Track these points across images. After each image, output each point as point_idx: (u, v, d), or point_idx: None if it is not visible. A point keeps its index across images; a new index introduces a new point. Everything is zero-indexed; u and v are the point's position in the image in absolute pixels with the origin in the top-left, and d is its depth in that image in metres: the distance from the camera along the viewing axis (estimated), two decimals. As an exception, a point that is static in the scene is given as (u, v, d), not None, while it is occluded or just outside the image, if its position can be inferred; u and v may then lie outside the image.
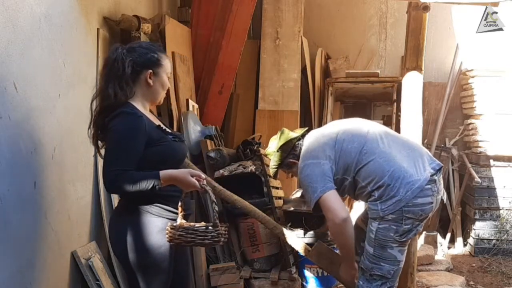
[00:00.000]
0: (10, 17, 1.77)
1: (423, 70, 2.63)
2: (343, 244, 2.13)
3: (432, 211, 2.09)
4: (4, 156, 1.73)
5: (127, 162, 1.67)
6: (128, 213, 1.79)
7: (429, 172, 2.06)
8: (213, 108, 3.93)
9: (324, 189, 2.05)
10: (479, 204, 4.17)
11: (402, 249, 2.08)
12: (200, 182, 1.71)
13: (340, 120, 2.40)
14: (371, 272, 2.08)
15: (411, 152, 2.13)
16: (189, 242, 1.66)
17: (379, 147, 2.10)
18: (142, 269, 1.77)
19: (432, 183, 2.05)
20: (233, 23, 3.84)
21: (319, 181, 2.06)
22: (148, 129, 1.73)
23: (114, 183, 1.66)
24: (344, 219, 2.02)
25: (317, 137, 2.23)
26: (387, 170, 2.04)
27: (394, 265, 2.07)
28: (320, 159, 2.11)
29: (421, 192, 2.02)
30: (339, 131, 2.19)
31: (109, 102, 1.73)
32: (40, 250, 2.01)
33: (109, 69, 1.77)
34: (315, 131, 2.34)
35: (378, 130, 2.19)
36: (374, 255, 2.07)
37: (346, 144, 2.12)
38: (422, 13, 2.54)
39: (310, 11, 4.69)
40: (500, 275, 3.74)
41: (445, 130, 4.78)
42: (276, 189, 3.40)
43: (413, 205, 2.01)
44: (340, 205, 2.05)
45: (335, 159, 2.11)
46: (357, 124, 2.25)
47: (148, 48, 1.82)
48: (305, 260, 2.98)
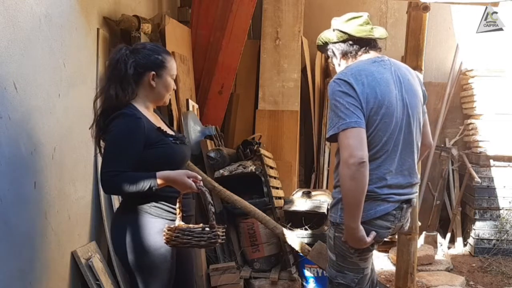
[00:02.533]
0: (10, 17, 1.77)
1: (423, 70, 2.62)
2: (351, 191, 1.71)
3: (386, 236, 1.89)
4: (4, 156, 1.73)
5: (124, 163, 1.67)
6: (129, 214, 1.79)
7: (404, 198, 1.85)
8: (213, 108, 3.93)
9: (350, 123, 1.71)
10: (479, 204, 4.17)
11: (363, 258, 1.88)
12: (197, 184, 1.71)
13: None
14: (336, 281, 1.91)
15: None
16: (185, 243, 1.66)
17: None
18: (141, 270, 1.77)
19: (398, 210, 1.84)
20: (233, 23, 3.84)
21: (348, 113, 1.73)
22: (147, 131, 1.73)
23: (110, 184, 1.67)
24: (361, 160, 1.67)
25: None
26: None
27: (359, 273, 1.88)
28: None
29: (384, 216, 1.81)
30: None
31: (110, 103, 1.74)
32: (40, 250, 2.01)
33: (112, 69, 1.78)
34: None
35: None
36: (337, 263, 1.90)
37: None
38: (422, 13, 2.54)
39: (310, 11, 4.68)
40: (500, 275, 3.74)
41: (445, 130, 4.78)
42: (276, 189, 3.40)
43: (369, 224, 1.80)
44: (360, 144, 1.70)
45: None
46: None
47: (153, 50, 1.82)
48: (305, 260, 2.98)
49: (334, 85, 1.78)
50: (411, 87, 1.89)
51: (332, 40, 1.94)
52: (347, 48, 1.91)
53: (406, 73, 1.92)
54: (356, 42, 1.90)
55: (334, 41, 1.93)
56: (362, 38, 1.89)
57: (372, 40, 1.92)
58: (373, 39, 1.92)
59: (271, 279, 3.06)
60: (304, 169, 4.63)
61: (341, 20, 1.94)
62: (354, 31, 1.88)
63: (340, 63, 1.96)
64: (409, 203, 1.90)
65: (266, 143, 4.06)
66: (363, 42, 1.90)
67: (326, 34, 1.97)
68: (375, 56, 1.90)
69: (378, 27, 1.95)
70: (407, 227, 2.00)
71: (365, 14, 1.94)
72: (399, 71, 1.89)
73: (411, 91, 1.88)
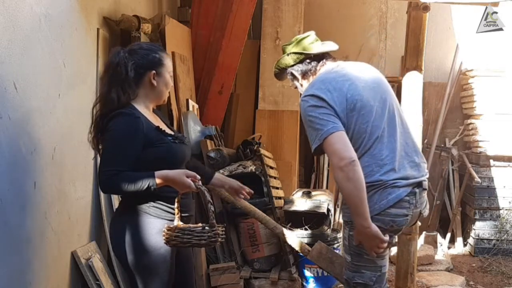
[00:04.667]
0: (10, 17, 1.77)
1: (423, 70, 2.63)
2: (351, 192, 1.74)
3: (406, 224, 1.88)
4: (4, 156, 1.73)
5: (122, 163, 1.67)
6: (128, 214, 1.79)
7: (413, 181, 1.85)
8: (213, 108, 3.93)
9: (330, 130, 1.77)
10: (479, 204, 4.17)
11: (380, 255, 1.86)
12: (196, 183, 1.71)
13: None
14: (353, 281, 1.90)
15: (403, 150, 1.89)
16: (185, 243, 1.66)
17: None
18: (141, 270, 1.77)
19: (411, 195, 1.84)
20: (233, 23, 3.84)
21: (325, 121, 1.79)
22: (146, 130, 1.73)
23: (109, 183, 1.67)
24: (351, 160, 1.71)
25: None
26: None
27: (376, 271, 1.87)
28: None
29: (397, 203, 1.81)
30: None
31: (112, 106, 1.73)
32: (40, 250, 2.01)
33: (112, 73, 1.77)
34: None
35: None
36: (353, 263, 1.90)
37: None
38: (422, 13, 2.54)
39: (310, 11, 4.68)
40: (500, 275, 3.74)
41: (445, 130, 4.78)
42: (276, 189, 3.40)
43: (385, 215, 1.80)
44: (345, 146, 1.75)
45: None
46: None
47: (149, 49, 1.83)
48: (305, 260, 2.98)
49: (303, 103, 1.84)
50: (373, 74, 1.95)
51: (289, 64, 2.01)
52: (306, 67, 1.99)
53: (362, 65, 2.00)
54: (313, 59, 1.98)
55: (292, 64, 2.01)
56: (317, 54, 1.97)
57: (326, 53, 2.01)
58: (327, 52, 2.00)
59: (271, 279, 3.06)
60: (304, 169, 4.63)
61: (292, 44, 2.04)
62: (309, 49, 1.98)
63: (302, 83, 2.03)
64: (420, 186, 1.89)
65: (266, 143, 4.06)
66: (319, 57, 1.98)
67: (281, 61, 2.05)
68: (331, 66, 1.98)
69: (327, 42, 2.05)
70: (426, 212, 1.97)
71: (312, 32, 2.06)
72: (356, 66, 1.97)
73: (375, 78, 1.94)
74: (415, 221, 1.99)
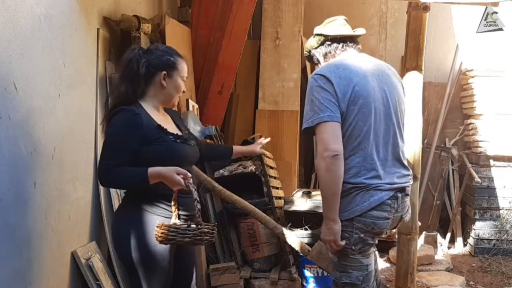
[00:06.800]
0: (10, 17, 1.77)
1: (423, 70, 2.63)
2: (327, 183, 1.77)
3: (387, 227, 1.88)
4: (4, 156, 1.73)
5: (119, 157, 1.72)
6: (129, 211, 1.83)
7: (396, 186, 1.86)
8: (213, 108, 3.93)
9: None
10: (479, 204, 4.17)
11: (365, 254, 1.89)
12: (185, 181, 1.71)
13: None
14: (341, 281, 1.91)
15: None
16: (170, 240, 1.68)
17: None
18: (140, 266, 1.79)
19: (393, 199, 1.85)
20: (233, 23, 3.84)
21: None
22: (146, 127, 1.76)
23: (104, 176, 1.73)
24: (335, 153, 1.74)
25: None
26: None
27: (362, 270, 1.88)
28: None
29: (379, 206, 1.81)
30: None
31: (121, 100, 1.80)
32: (40, 250, 2.01)
33: (124, 68, 1.84)
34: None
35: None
36: (340, 263, 1.91)
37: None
38: (422, 13, 2.55)
39: (310, 11, 4.68)
40: (500, 275, 3.74)
41: (445, 130, 4.78)
42: (276, 189, 3.40)
43: (366, 216, 1.82)
44: (334, 137, 1.76)
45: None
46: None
47: (165, 51, 1.88)
48: (305, 260, 2.98)
49: (312, 80, 1.85)
50: (390, 79, 1.95)
51: (313, 46, 2.04)
52: (326, 49, 2.01)
53: (384, 67, 2.00)
54: (333, 41, 1.99)
55: (315, 47, 2.03)
56: (334, 36, 1.98)
57: (348, 38, 2.00)
58: (349, 36, 2.00)
59: (271, 279, 3.06)
60: (304, 169, 4.63)
61: (320, 26, 2.05)
62: (330, 32, 1.99)
63: (322, 66, 2.02)
64: (403, 191, 1.91)
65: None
66: (339, 40, 1.99)
67: (308, 43, 2.07)
68: (353, 53, 1.98)
69: (357, 28, 2.05)
70: (407, 217, 1.99)
71: (341, 17, 2.05)
72: (377, 66, 1.96)
73: (390, 83, 1.94)
74: (395, 225, 1.99)
